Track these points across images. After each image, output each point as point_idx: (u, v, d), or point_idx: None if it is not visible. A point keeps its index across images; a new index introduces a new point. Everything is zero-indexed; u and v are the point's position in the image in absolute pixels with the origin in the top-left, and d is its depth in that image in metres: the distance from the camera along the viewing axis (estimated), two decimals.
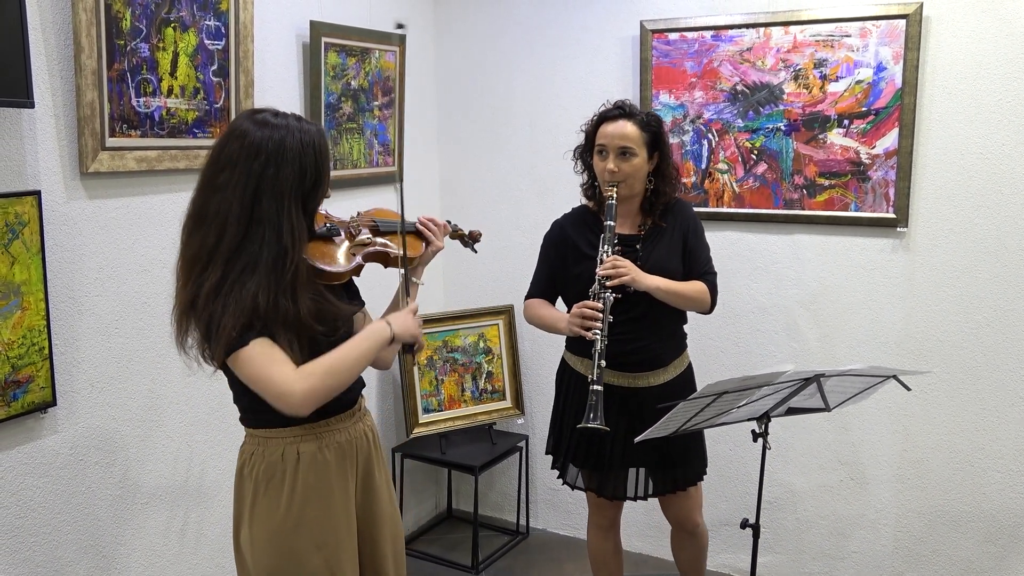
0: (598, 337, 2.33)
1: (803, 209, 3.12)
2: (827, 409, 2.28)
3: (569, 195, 3.59)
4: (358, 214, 2.04)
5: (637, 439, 2.21)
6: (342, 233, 1.93)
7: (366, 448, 1.93)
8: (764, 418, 2.26)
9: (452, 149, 3.83)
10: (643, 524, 3.56)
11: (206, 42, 2.53)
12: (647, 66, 3.29)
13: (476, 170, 3.78)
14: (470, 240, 2.31)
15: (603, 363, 2.33)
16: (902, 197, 2.95)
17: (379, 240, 1.99)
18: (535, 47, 3.58)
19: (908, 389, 2.28)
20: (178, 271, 1.75)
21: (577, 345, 2.57)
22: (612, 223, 2.40)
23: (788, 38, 3.05)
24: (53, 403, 2.21)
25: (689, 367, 2.64)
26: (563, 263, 2.56)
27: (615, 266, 2.35)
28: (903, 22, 2.87)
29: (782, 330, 3.23)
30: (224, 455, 2.76)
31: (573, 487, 2.68)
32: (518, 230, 3.71)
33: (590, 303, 2.36)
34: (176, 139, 2.48)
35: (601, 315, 2.34)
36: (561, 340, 3.67)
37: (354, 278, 1.96)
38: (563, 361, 2.68)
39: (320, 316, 1.74)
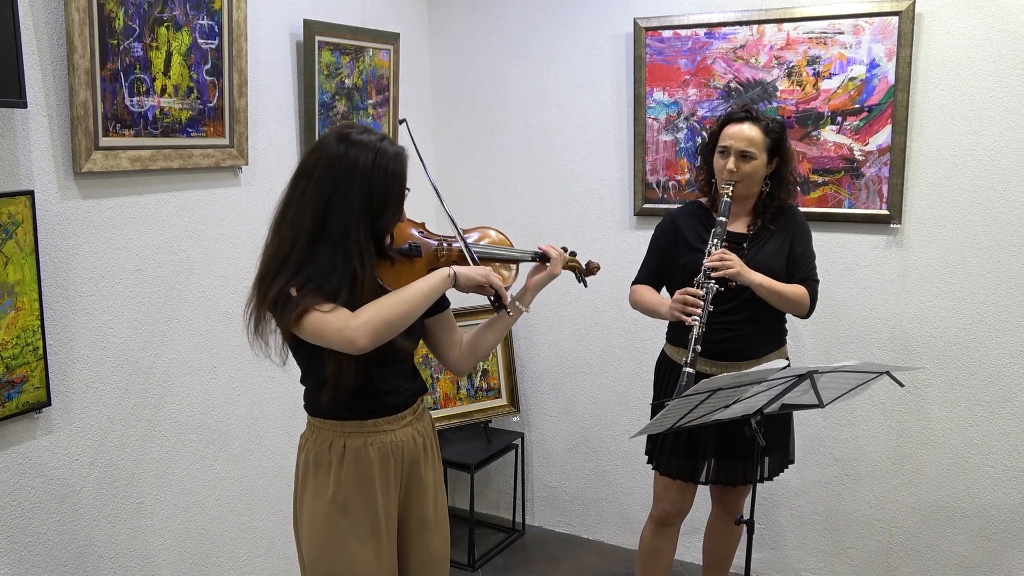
0: (696, 323, 2.41)
1: (797, 206, 3.12)
2: (821, 405, 2.29)
3: (563, 193, 3.60)
4: (460, 232, 1.99)
5: (631, 436, 2.22)
6: (422, 253, 1.92)
7: (413, 452, 1.94)
8: (758, 415, 2.26)
9: (446, 147, 3.83)
10: (642, 522, 3.57)
11: (199, 41, 2.53)
12: (641, 64, 3.30)
13: (471, 168, 3.79)
14: (584, 273, 2.22)
15: (698, 348, 2.41)
16: (895, 194, 2.96)
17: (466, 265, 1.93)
18: (529, 45, 3.58)
19: (901, 385, 2.30)
20: (258, 262, 1.83)
21: (676, 336, 2.63)
22: (724, 219, 2.47)
23: (781, 35, 3.06)
24: (47, 403, 2.21)
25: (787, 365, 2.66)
26: (672, 253, 2.63)
27: (722, 259, 2.43)
28: (896, 19, 2.87)
29: None
30: (219, 455, 2.76)
31: (662, 473, 2.68)
32: (513, 228, 3.70)
33: (692, 290, 2.45)
34: (170, 138, 2.48)
35: (702, 303, 2.42)
36: (555, 341, 3.70)
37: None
38: (663, 352, 2.73)
39: None
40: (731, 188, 2.48)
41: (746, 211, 2.60)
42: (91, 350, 2.35)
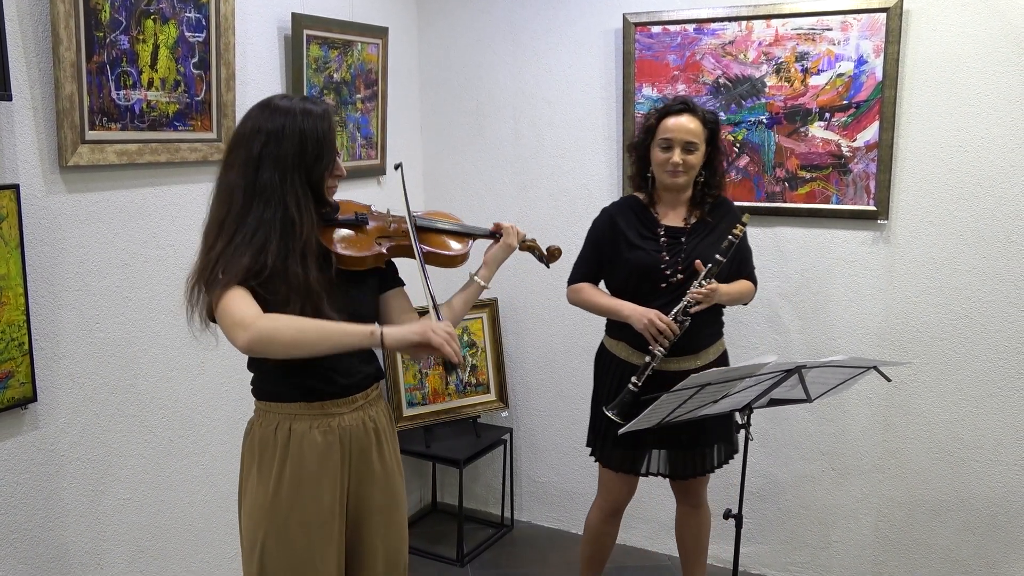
0: (661, 353, 2.48)
1: (785, 202, 3.14)
2: (809, 400, 2.30)
3: (551, 188, 3.60)
4: (412, 213, 1.98)
5: (621, 431, 2.23)
6: (370, 223, 1.91)
7: (362, 437, 1.91)
8: (746, 409, 2.27)
9: (435, 142, 3.82)
10: (629, 516, 3.57)
11: (187, 34, 2.51)
12: (630, 59, 3.30)
13: (459, 163, 3.78)
14: (546, 257, 2.23)
15: (651, 371, 2.48)
16: (883, 190, 2.97)
17: (415, 237, 1.91)
18: (518, 40, 3.57)
19: (888, 380, 2.31)
20: (201, 236, 1.82)
21: (617, 330, 2.65)
22: (723, 259, 2.47)
23: (770, 31, 3.07)
24: (34, 399, 2.20)
25: (724, 354, 2.72)
26: (613, 250, 2.63)
27: (707, 295, 2.46)
28: (884, 15, 2.88)
29: (764, 322, 3.25)
30: (206, 450, 2.75)
31: (604, 465, 2.72)
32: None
33: (670, 323, 2.46)
34: (157, 132, 2.46)
35: (674, 337, 2.47)
36: (544, 336, 3.70)
37: (395, 260, 1.99)
38: (602, 346, 2.75)
39: (329, 289, 1.76)
40: (740, 229, 2.48)
41: (682, 204, 2.63)
42: (78, 345, 2.33)
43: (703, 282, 2.45)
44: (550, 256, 2.23)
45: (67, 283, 2.30)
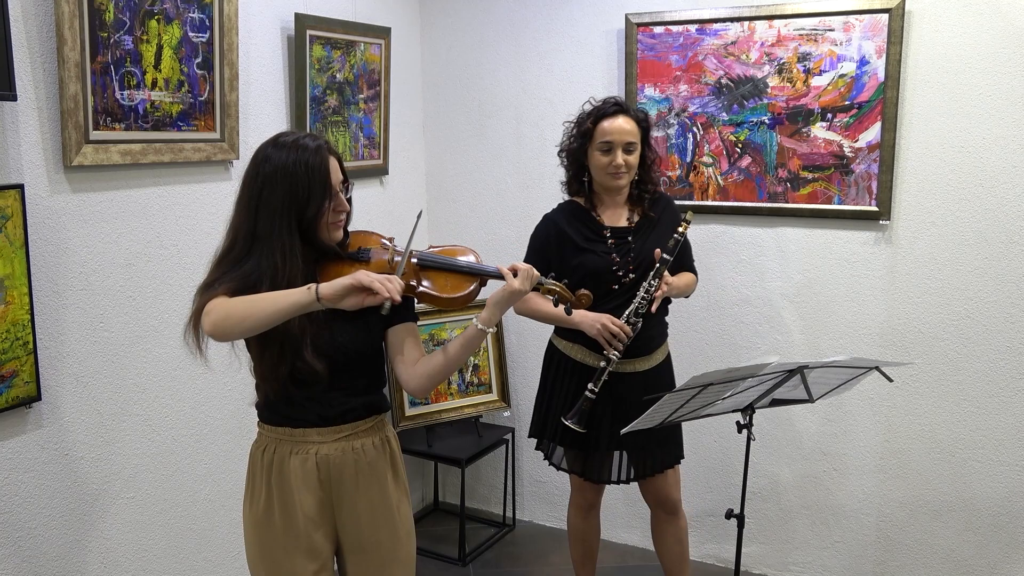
0: (616, 357, 2.49)
1: (787, 202, 3.14)
2: (811, 400, 2.30)
3: (554, 188, 3.59)
4: (428, 247, 1.96)
5: (624, 431, 2.23)
6: (371, 259, 1.88)
7: (341, 467, 1.88)
8: (748, 409, 2.28)
9: (437, 142, 3.83)
10: (627, 515, 3.59)
11: (190, 35, 2.52)
12: (632, 59, 3.30)
13: (462, 163, 3.78)
14: (571, 303, 2.00)
15: (606, 375, 2.50)
16: (885, 190, 2.98)
17: (417, 275, 1.85)
18: (521, 40, 3.58)
19: (890, 380, 2.31)
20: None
21: (568, 332, 2.65)
22: (670, 258, 2.50)
23: (772, 32, 3.07)
24: (38, 398, 2.20)
25: (668, 355, 2.74)
26: (560, 257, 2.61)
27: (662, 290, 2.49)
28: (886, 16, 2.89)
29: (766, 322, 3.26)
30: (209, 449, 2.76)
31: (558, 468, 2.76)
32: (503, 223, 3.72)
33: (624, 327, 2.48)
34: (160, 132, 2.47)
35: (627, 339, 2.48)
36: (546, 336, 3.68)
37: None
38: (551, 344, 2.76)
39: (314, 331, 1.78)
40: (685, 225, 2.52)
41: (621, 205, 2.65)
42: (82, 344, 2.34)
43: (655, 281, 2.47)
44: (575, 303, 2.00)
45: (71, 282, 2.30)
